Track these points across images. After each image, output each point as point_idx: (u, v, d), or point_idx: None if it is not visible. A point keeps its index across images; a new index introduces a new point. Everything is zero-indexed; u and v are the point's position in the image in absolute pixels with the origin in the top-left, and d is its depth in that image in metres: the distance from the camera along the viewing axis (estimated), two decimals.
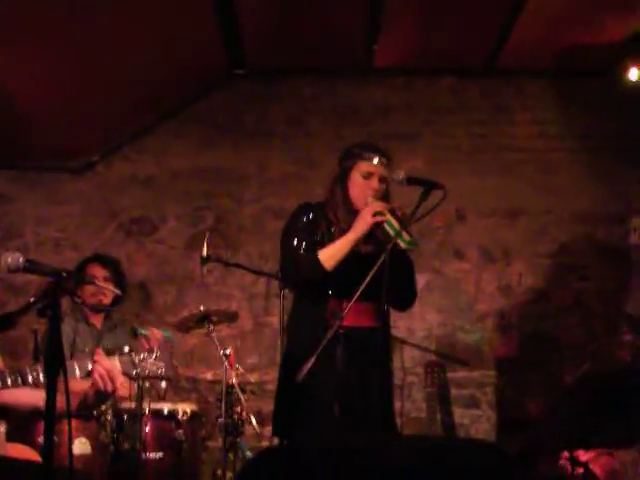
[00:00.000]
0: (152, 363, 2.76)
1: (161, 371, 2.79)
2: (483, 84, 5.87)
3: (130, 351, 2.70)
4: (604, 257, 5.63)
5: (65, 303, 4.89)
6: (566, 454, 4.25)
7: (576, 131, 5.73)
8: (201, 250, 4.77)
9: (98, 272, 4.78)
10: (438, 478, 1.68)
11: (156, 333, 4.49)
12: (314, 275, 3.49)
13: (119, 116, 5.57)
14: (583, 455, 4.78)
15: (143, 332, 4.36)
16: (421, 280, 5.64)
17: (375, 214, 3.45)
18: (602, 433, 2.99)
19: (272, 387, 3.77)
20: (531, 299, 5.62)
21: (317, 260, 3.47)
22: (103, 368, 2.64)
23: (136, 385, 3.63)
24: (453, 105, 5.87)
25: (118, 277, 4.88)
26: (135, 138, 5.90)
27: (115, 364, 2.68)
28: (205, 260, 4.77)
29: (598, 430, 2.96)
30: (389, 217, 3.43)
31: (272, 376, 4.24)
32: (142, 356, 2.75)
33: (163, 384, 4.10)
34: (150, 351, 2.73)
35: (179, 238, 5.85)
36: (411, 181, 3.48)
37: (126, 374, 2.76)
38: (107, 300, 4.76)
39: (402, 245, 3.37)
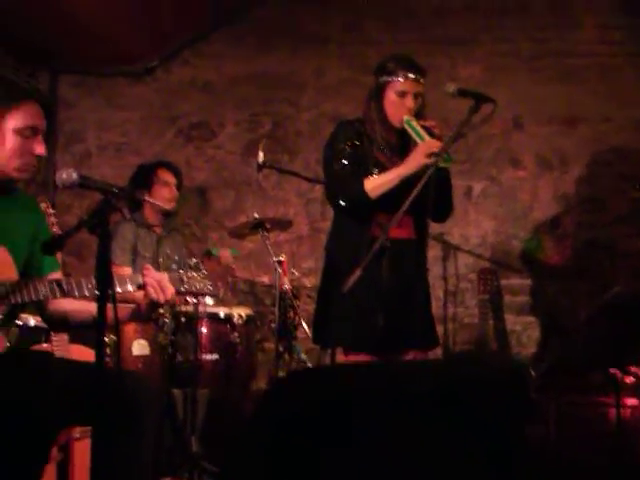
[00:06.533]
0: (199, 280, 2.86)
1: (207, 288, 2.90)
2: None
3: (179, 269, 2.82)
4: None
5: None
6: None
7: None
8: (257, 157, 4.82)
9: (170, 178, 4.97)
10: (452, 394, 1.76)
11: (227, 255, 4.68)
12: (359, 204, 3.58)
13: (177, 21, 5.58)
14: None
15: (215, 254, 4.55)
16: (477, 187, 5.64)
17: (430, 154, 3.44)
18: (634, 353, 3.04)
19: None
20: (587, 208, 5.56)
21: (363, 191, 3.54)
22: (154, 279, 2.75)
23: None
24: (514, 8, 5.67)
25: (180, 186, 5.06)
26: (194, 43, 5.91)
27: (164, 275, 2.79)
28: (261, 167, 4.81)
29: (629, 350, 3.01)
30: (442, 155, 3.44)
31: None
32: (190, 274, 2.86)
33: (208, 299, 4.27)
34: (197, 268, 2.83)
35: (237, 144, 5.91)
36: (462, 93, 3.48)
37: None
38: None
39: (441, 164, 3.42)
